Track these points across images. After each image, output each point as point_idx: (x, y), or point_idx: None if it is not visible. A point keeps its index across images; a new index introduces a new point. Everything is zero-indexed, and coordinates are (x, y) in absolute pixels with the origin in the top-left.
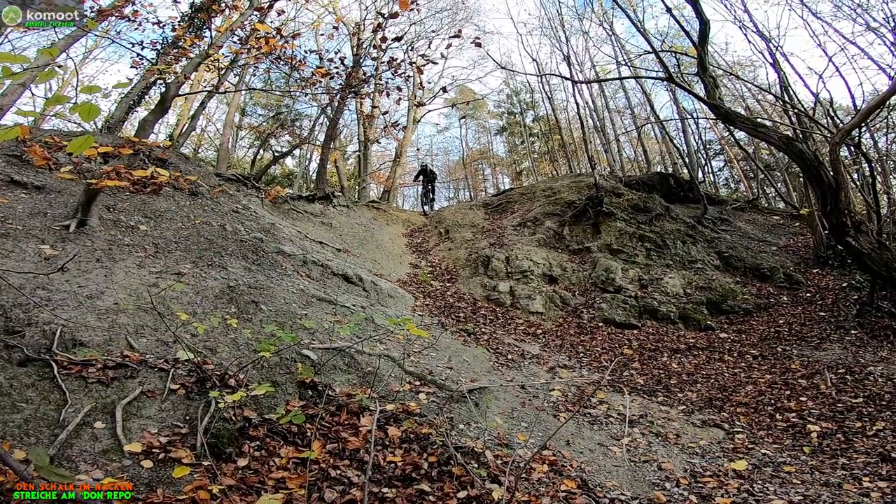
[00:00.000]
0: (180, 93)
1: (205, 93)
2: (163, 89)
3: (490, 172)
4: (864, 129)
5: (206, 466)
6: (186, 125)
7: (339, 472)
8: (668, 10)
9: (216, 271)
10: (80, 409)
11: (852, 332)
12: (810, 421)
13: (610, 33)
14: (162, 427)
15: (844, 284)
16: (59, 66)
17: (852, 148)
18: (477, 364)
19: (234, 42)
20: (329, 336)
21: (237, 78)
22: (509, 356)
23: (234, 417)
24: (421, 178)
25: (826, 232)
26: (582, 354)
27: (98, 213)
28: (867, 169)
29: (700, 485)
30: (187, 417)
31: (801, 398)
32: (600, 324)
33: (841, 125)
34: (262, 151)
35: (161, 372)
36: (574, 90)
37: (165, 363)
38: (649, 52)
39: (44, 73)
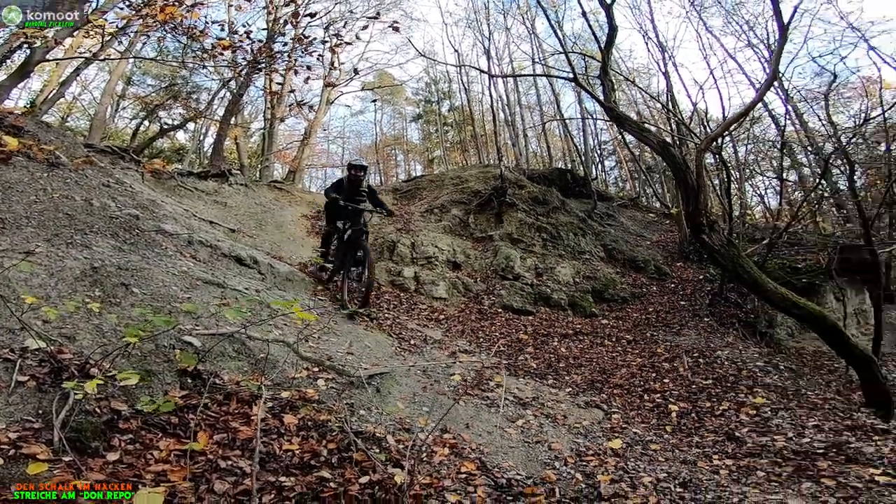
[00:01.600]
0: (49, 58)
1: (81, 59)
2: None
3: (403, 158)
4: (727, 138)
5: (68, 462)
6: (54, 92)
7: (229, 462)
8: (584, 13)
9: (77, 250)
10: None
11: (705, 319)
12: (671, 401)
13: (531, 31)
14: (10, 422)
15: (701, 277)
16: None
17: (716, 155)
18: (379, 349)
19: (123, 7)
20: (216, 321)
21: (125, 45)
22: (412, 341)
23: (99, 410)
24: (338, 196)
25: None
26: (482, 339)
27: None
28: (725, 175)
29: (584, 463)
30: (40, 411)
31: (665, 380)
32: (499, 310)
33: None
34: (147, 123)
35: (6, 363)
36: (490, 83)
37: (11, 353)
38: (562, 53)
39: None
